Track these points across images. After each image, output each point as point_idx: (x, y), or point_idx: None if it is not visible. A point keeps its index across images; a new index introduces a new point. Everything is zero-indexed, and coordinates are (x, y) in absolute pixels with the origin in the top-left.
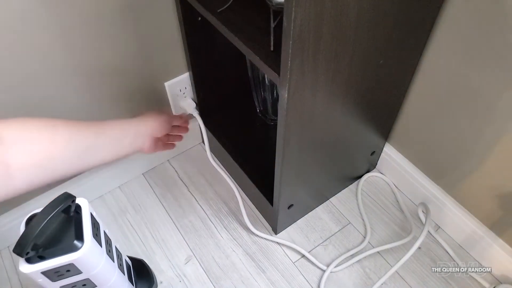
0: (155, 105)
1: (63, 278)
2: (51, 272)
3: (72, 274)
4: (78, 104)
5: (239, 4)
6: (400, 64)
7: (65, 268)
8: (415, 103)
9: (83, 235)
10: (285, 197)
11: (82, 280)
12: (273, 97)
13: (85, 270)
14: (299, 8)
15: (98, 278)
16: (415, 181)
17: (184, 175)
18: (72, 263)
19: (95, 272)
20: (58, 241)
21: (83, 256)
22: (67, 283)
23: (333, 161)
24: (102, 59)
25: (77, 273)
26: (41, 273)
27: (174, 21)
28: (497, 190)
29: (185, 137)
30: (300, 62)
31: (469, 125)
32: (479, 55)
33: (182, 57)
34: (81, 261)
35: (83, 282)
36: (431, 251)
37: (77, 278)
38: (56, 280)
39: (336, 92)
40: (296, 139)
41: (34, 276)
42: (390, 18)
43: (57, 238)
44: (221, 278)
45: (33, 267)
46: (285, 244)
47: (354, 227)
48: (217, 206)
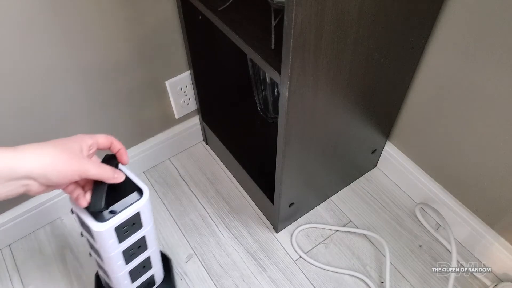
0: (156, 103)
1: (128, 237)
2: (121, 228)
3: (135, 230)
4: (78, 103)
5: (240, 2)
6: (401, 62)
7: (133, 220)
8: (416, 101)
9: (139, 187)
10: (286, 196)
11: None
12: (274, 96)
13: (145, 222)
14: (300, 6)
15: (150, 238)
16: (416, 180)
17: (185, 173)
18: (138, 212)
19: (149, 227)
20: (121, 196)
21: (146, 203)
22: (129, 244)
23: (334, 160)
24: (103, 57)
25: (139, 227)
26: (114, 229)
27: (175, 20)
28: (498, 188)
29: (186, 136)
30: (301, 60)
31: (469, 123)
32: (480, 54)
33: (183, 55)
34: (145, 210)
35: (140, 243)
36: (432, 250)
37: (138, 235)
38: (122, 240)
39: (337, 91)
40: (297, 137)
41: (107, 236)
42: (391, 17)
43: (119, 194)
44: (222, 276)
45: (108, 223)
46: (286, 242)
47: (355, 225)
48: (218, 204)
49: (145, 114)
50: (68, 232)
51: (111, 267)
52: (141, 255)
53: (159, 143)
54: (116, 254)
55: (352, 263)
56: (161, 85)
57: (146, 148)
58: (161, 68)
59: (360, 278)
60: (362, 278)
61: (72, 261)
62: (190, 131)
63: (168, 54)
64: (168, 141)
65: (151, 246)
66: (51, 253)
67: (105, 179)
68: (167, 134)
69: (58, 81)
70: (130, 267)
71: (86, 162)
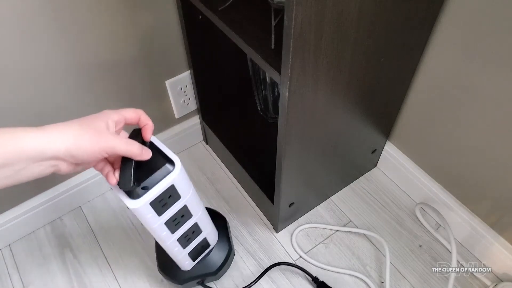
0: (156, 103)
1: (167, 210)
2: (157, 202)
3: (173, 202)
4: (77, 103)
5: (240, 2)
6: (401, 62)
7: (168, 193)
8: (416, 101)
9: (171, 159)
10: (286, 195)
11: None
12: (274, 95)
13: (183, 192)
14: (300, 6)
15: (192, 205)
16: (416, 180)
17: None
18: (172, 184)
19: (189, 195)
20: (152, 170)
21: (180, 174)
22: (170, 215)
23: (334, 159)
24: (103, 56)
25: (177, 198)
26: (150, 204)
27: (175, 19)
28: (498, 188)
29: (186, 136)
30: (301, 60)
31: (470, 123)
32: (480, 54)
33: (183, 55)
34: (179, 181)
35: (182, 212)
36: (432, 249)
37: (177, 206)
38: (161, 213)
39: (337, 90)
40: (297, 137)
41: (144, 211)
42: (392, 16)
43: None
44: (222, 276)
45: (142, 200)
46: (286, 242)
47: (355, 225)
48: (218, 204)
49: None
50: (68, 232)
51: (157, 237)
52: (186, 223)
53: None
54: (159, 226)
55: (352, 263)
56: (161, 85)
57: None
58: (161, 68)
59: (360, 278)
60: (362, 278)
61: (72, 261)
62: (190, 131)
63: (168, 54)
64: (168, 141)
65: (195, 213)
66: (51, 253)
67: (132, 155)
68: (167, 134)
69: (57, 81)
70: (177, 235)
71: (112, 139)
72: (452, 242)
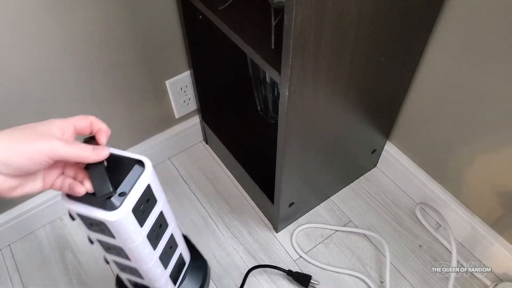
0: (156, 103)
1: (147, 217)
2: (138, 209)
3: (151, 207)
4: (77, 103)
5: (240, 2)
6: (401, 62)
7: (146, 196)
8: (416, 101)
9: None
10: (286, 195)
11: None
12: (274, 95)
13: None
14: (300, 6)
15: (167, 212)
16: (416, 179)
17: (185, 173)
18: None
19: (163, 199)
20: (124, 174)
21: (152, 173)
22: (151, 225)
23: (334, 159)
24: (103, 56)
25: (154, 203)
26: (132, 212)
27: (175, 19)
28: (498, 188)
29: (186, 136)
30: (301, 60)
31: (470, 123)
32: (480, 53)
33: (183, 55)
34: (153, 180)
35: (160, 221)
36: (432, 249)
37: (156, 212)
38: (143, 222)
39: (337, 90)
40: (297, 137)
41: (126, 222)
42: (392, 16)
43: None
44: (222, 276)
45: (123, 208)
46: (286, 242)
47: (355, 225)
48: (218, 204)
49: (145, 114)
50: (68, 232)
51: (140, 258)
52: (164, 234)
53: (159, 142)
54: (142, 241)
55: (352, 263)
56: (161, 85)
57: (146, 147)
58: (161, 67)
59: (360, 278)
60: (362, 278)
61: (72, 261)
62: (190, 131)
63: (168, 54)
64: (168, 140)
65: (170, 222)
66: (51, 253)
67: (82, 157)
68: (167, 134)
69: (57, 81)
70: (158, 251)
71: (53, 140)
72: (452, 242)
